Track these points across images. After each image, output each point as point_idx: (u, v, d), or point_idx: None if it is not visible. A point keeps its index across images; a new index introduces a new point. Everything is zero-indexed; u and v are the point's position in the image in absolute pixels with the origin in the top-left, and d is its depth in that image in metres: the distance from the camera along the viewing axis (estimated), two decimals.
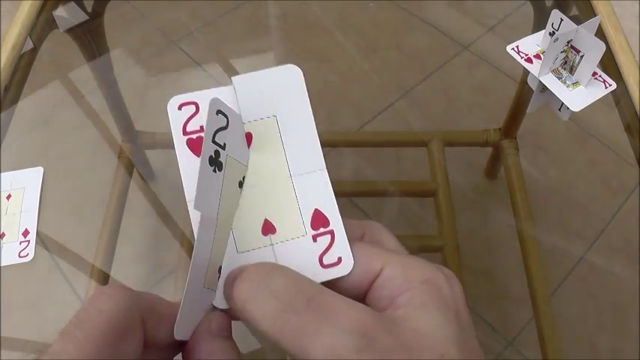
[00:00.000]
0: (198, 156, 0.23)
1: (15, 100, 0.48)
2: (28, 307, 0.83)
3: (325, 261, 0.23)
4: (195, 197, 0.21)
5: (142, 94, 1.05)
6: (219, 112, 0.23)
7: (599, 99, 0.43)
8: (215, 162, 0.23)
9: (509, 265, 0.78)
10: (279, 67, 0.25)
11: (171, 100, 0.25)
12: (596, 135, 1.01)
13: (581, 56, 0.42)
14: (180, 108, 0.25)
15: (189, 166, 0.24)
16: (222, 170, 0.23)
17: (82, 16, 0.63)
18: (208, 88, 0.26)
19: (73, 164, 0.96)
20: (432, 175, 0.77)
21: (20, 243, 0.40)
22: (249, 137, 0.25)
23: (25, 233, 0.41)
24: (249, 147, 0.25)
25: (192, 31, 1.17)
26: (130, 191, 0.78)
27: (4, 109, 0.47)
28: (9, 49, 0.48)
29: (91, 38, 0.67)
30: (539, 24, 0.63)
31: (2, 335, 0.75)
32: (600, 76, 0.43)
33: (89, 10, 0.63)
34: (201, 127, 0.25)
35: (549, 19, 0.43)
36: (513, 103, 0.78)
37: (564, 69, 0.44)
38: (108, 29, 0.68)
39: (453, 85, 1.10)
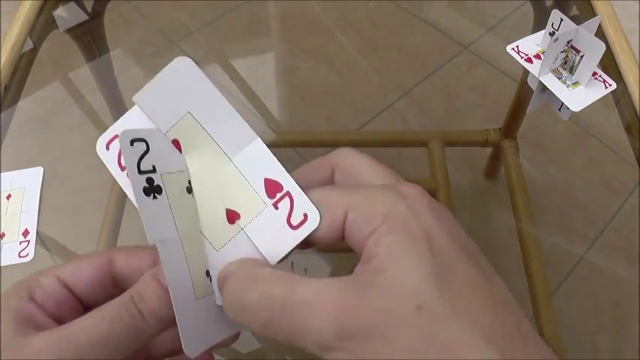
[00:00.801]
0: None
1: (15, 100, 0.48)
2: None
3: (294, 222, 0.24)
4: (147, 231, 0.22)
5: None
6: (133, 141, 0.23)
7: (599, 99, 0.43)
8: (151, 189, 0.23)
9: (510, 265, 0.78)
10: (168, 65, 0.25)
11: (97, 144, 0.25)
12: (596, 135, 1.01)
13: (581, 56, 0.42)
14: (107, 147, 0.25)
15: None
16: (163, 191, 0.23)
17: (82, 16, 0.63)
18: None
19: (73, 164, 0.96)
20: (432, 174, 0.77)
21: (20, 243, 0.40)
22: (176, 143, 0.25)
23: (25, 233, 0.41)
24: (180, 152, 0.25)
25: (192, 31, 1.17)
26: None
27: (4, 109, 0.47)
28: (9, 49, 0.48)
29: (91, 38, 0.66)
30: (539, 24, 0.63)
31: None
32: (600, 76, 0.43)
33: (89, 10, 0.63)
34: None
35: (549, 19, 0.43)
36: (513, 103, 0.78)
37: (564, 69, 0.44)
38: (108, 29, 0.68)
39: (453, 85, 1.10)
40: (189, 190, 0.25)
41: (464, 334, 0.18)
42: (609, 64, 0.46)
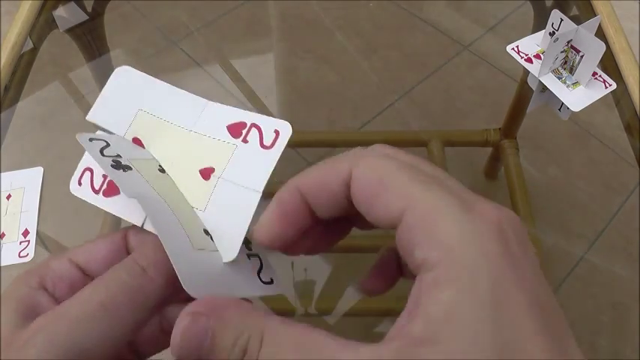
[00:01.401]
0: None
1: (15, 100, 0.48)
2: None
3: (267, 142, 0.24)
4: (123, 191, 0.22)
5: None
6: (91, 139, 0.24)
7: (599, 99, 0.43)
8: (119, 166, 0.23)
9: None
10: (110, 77, 0.27)
11: (70, 187, 0.26)
12: (596, 135, 1.01)
13: (581, 56, 0.42)
14: (80, 183, 0.26)
15: (114, 204, 0.24)
16: (132, 169, 0.24)
17: (82, 16, 0.63)
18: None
19: (73, 164, 0.95)
20: None
21: (20, 243, 0.40)
22: (138, 141, 0.26)
23: (25, 233, 0.41)
24: (144, 147, 0.26)
25: (192, 31, 1.17)
26: None
27: (4, 109, 0.47)
28: (9, 49, 0.48)
29: (91, 38, 0.66)
30: (539, 24, 0.63)
31: None
32: (600, 76, 0.43)
33: (89, 10, 0.63)
34: (104, 176, 0.25)
35: (549, 19, 0.43)
36: (513, 103, 0.78)
37: (564, 69, 0.44)
38: (108, 29, 0.68)
39: (453, 85, 1.10)
40: (162, 170, 0.25)
41: None
42: (609, 64, 0.46)
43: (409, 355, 0.16)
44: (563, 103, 0.43)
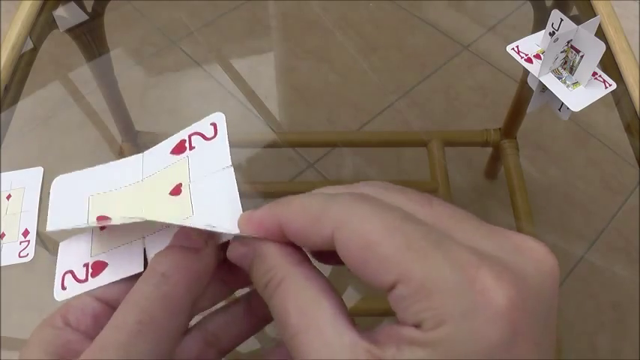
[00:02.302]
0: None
1: (15, 100, 0.48)
2: (28, 308, 0.83)
3: (209, 135, 0.25)
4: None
5: (141, 94, 1.05)
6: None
7: (599, 99, 0.43)
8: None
9: None
10: (51, 188, 0.30)
11: (55, 297, 0.26)
12: (596, 135, 1.01)
13: (581, 56, 0.42)
14: (64, 287, 0.26)
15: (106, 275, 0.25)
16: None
17: (82, 16, 0.63)
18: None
19: (73, 164, 0.95)
20: (432, 175, 0.77)
21: (20, 243, 0.40)
22: (103, 217, 0.26)
23: (25, 233, 0.41)
24: (111, 219, 0.26)
25: (192, 31, 1.17)
26: None
27: (4, 109, 0.47)
28: (9, 49, 0.48)
29: (91, 38, 0.66)
30: (539, 24, 0.63)
31: (2, 335, 0.75)
32: (600, 76, 0.43)
33: (89, 10, 0.63)
34: (85, 265, 0.26)
35: (549, 19, 0.43)
36: (513, 103, 0.78)
37: (564, 69, 0.44)
38: (108, 29, 0.68)
39: (453, 85, 1.10)
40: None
41: None
42: (609, 64, 0.46)
43: None
44: (563, 103, 0.43)
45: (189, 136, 0.26)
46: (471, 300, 0.15)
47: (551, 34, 0.43)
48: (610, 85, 0.43)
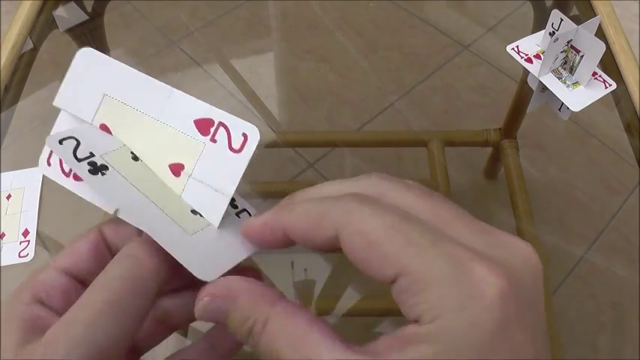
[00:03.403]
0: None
1: (15, 100, 0.48)
2: None
3: (235, 146, 0.24)
4: (107, 205, 0.22)
5: None
6: (61, 141, 0.24)
7: (599, 99, 0.43)
8: (96, 169, 0.23)
9: None
10: (73, 60, 0.26)
11: (39, 164, 0.26)
12: (596, 135, 1.01)
13: (581, 56, 0.42)
14: (49, 163, 0.26)
15: (85, 188, 0.24)
16: (110, 168, 0.24)
17: (82, 16, 0.63)
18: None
19: None
20: (432, 175, 0.77)
21: (20, 243, 0.40)
22: (105, 127, 0.25)
23: (25, 233, 0.41)
24: (111, 134, 0.25)
25: (192, 31, 1.17)
26: None
27: (4, 109, 0.47)
28: (9, 49, 0.48)
29: (91, 38, 0.66)
30: (539, 24, 0.63)
31: None
32: (600, 76, 0.43)
33: (89, 10, 0.63)
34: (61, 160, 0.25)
35: (549, 19, 0.43)
36: (513, 103, 0.78)
37: (564, 69, 0.44)
38: (108, 29, 0.68)
39: (453, 85, 1.10)
40: (136, 158, 0.25)
41: None
42: (609, 64, 0.46)
43: None
44: (563, 103, 0.43)
45: (219, 125, 0.24)
46: (466, 291, 0.16)
47: (551, 34, 0.43)
48: (610, 85, 0.43)
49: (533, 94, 0.45)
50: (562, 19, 0.42)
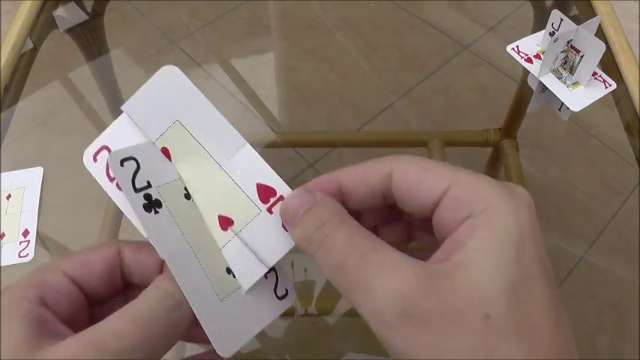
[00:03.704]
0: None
1: (15, 100, 0.48)
2: None
3: (285, 224, 0.24)
4: (155, 247, 0.22)
5: None
6: (122, 161, 0.23)
7: (599, 99, 0.43)
8: (151, 205, 0.23)
9: None
10: (155, 74, 0.25)
11: (84, 157, 0.25)
12: (596, 135, 1.01)
13: (581, 56, 0.42)
14: (95, 159, 0.25)
15: (123, 200, 0.24)
16: (163, 204, 0.23)
17: (82, 16, 0.63)
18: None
19: (73, 164, 0.95)
20: None
21: (20, 243, 0.40)
22: (166, 151, 0.25)
23: (25, 233, 0.41)
24: (170, 160, 0.25)
25: (192, 31, 1.17)
26: None
27: (4, 109, 0.47)
28: (9, 49, 0.48)
29: (91, 38, 0.66)
30: (539, 24, 0.63)
31: None
32: (600, 76, 0.43)
33: (89, 10, 0.63)
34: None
35: (549, 19, 0.43)
36: (513, 103, 0.78)
37: (564, 69, 0.44)
38: (108, 29, 0.68)
39: (453, 85, 1.10)
40: (188, 196, 0.25)
41: (521, 355, 0.18)
42: (609, 64, 0.46)
43: (436, 271, 0.19)
44: (563, 103, 0.43)
45: (280, 197, 0.24)
46: (508, 192, 0.21)
47: (551, 34, 0.43)
48: (610, 85, 0.43)
49: (533, 94, 0.45)
50: (562, 19, 0.42)
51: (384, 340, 0.19)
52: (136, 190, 0.23)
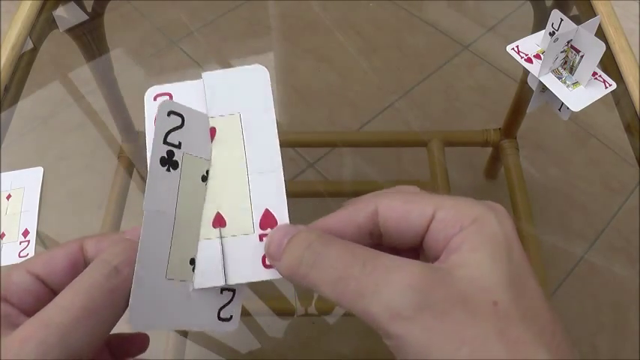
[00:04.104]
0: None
1: (15, 100, 0.48)
2: None
3: (269, 261, 0.24)
4: (146, 198, 0.22)
5: (141, 94, 1.04)
6: (170, 113, 0.24)
7: (599, 99, 0.43)
8: (169, 161, 0.23)
9: None
10: (247, 66, 0.26)
11: (146, 92, 0.26)
12: (596, 135, 1.01)
13: (581, 56, 0.42)
14: (155, 99, 0.26)
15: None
16: (179, 168, 0.24)
17: (82, 16, 0.63)
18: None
19: (73, 164, 0.96)
20: (432, 175, 0.77)
21: (20, 243, 0.40)
22: (212, 131, 0.26)
23: (25, 233, 0.41)
24: (212, 141, 0.25)
25: (192, 31, 1.17)
26: (129, 191, 0.78)
27: (4, 109, 0.47)
28: (9, 49, 0.48)
29: (91, 38, 0.66)
30: (539, 24, 0.63)
31: None
32: (600, 76, 0.43)
33: (89, 10, 0.63)
34: None
35: (549, 19, 0.43)
36: (513, 103, 0.78)
37: (564, 69, 0.44)
38: (108, 29, 0.68)
39: (453, 85, 1.10)
40: (204, 178, 0.25)
41: (531, 338, 0.20)
42: (609, 64, 0.46)
43: (439, 270, 0.21)
44: (563, 103, 0.43)
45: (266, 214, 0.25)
46: (489, 207, 0.22)
47: (551, 34, 0.43)
48: (610, 85, 0.43)
49: (533, 94, 0.45)
50: (562, 19, 0.42)
51: (400, 338, 0.20)
52: (165, 142, 0.23)
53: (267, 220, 0.24)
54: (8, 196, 0.43)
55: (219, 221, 0.25)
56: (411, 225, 0.23)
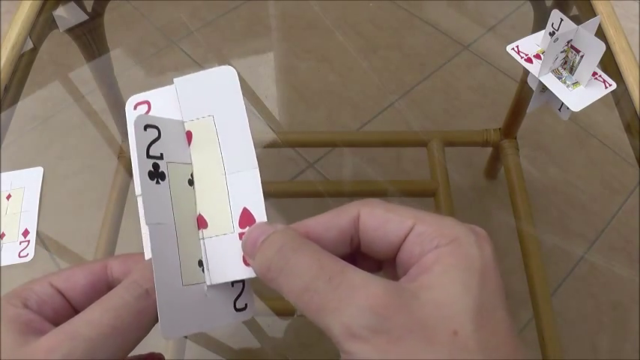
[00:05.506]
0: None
1: (15, 100, 0.48)
2: None
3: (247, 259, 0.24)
4: (145, 213, 0.23)
5: None
6: (147, 126, 0.24)
7: (599, 99, 0.43)
8: (156, 174, 0.24)
9: (509, 265, 0.78)
10: (215, 68, 0.26)
11: (127, 102, 0.26)
12: (596, 135, 1.01)
13: (581, 56, 0.42)
14: (135, 108, 0.26)
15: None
16: (166, 178, 0.24)
17: (82, 16, 0.63)
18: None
19: (73, 164, 0.96)
20: (432, 175, 0.77)
21: (20, 243, 0.40)
22: (189, 135, 0.26)
23: (25, 233, 0.41)
24: (190, 145, 0.26)
25: (192, 31, 1.17)
26: (129, 191, 0.78)
27: (4, 109, 0.47)
28: (9, 49, 0.48)
29: (91, 38, 0.66)
30: (539, 24, 0.63)
31: None
32: (600, 76, 0.43)
33: (89, 10, 0.63)
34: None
35: (549, 19, 0.43)
36: (513, 103, 0.78)
37: (564, 69, 0.44)
38: (108, 29, 0.68)
39: (453, 85, 1.10)
40: (191, 182, 0.26)
41: None
42: (609, 64, 0.46)
43: (405, 290, 0.20)
44: (563, 103, 0.43)
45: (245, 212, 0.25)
46: (470, 229, 0.22)
47: (551, 34, 0.43)
48: (610, 85, 0.43)
49: (533, 94, 0.45)
50: (562, 19, 0.42)
51: (354, 355, 0.20)
52: (148, 156, 0.24)
53: (246, 217, 0.25)
54: (8, 196, 0.43)
55: (201, 223, 0.25)
56: (388, 234, 0.23)
